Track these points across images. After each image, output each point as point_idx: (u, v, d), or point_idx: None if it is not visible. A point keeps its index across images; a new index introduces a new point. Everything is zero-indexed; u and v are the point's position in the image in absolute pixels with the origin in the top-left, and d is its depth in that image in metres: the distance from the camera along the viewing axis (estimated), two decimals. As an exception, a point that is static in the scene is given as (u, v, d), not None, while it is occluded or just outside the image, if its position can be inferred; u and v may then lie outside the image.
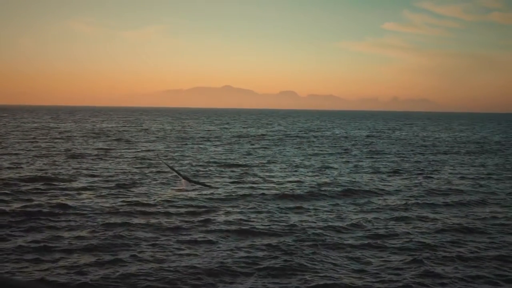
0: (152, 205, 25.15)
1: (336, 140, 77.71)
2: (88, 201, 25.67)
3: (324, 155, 52.70)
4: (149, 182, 32.02)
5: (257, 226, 21.54)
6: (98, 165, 39.83)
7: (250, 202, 26.44)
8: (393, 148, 63.83)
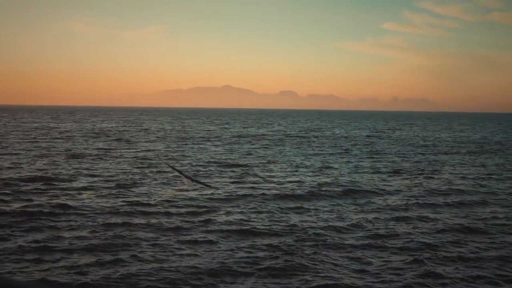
0: (153, 205, 25.14)
1: (336, 140, 77.70)
2: (89, 201, 25.67)
3: (325, 155, 52.69)
4: (150, 182, 32.01)
5: (258, 226, 21.53)
6: (98, 165, 39.82)
7: (251, 202, 26.43)
8: (393, 148, 63.81)
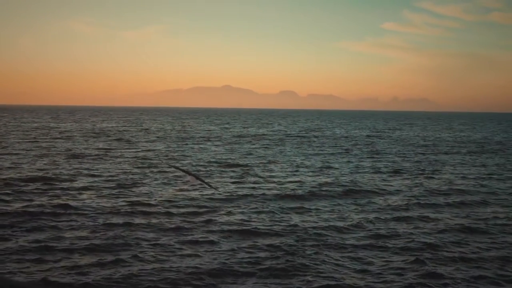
0: (153, 205, 25.13)
1: (337, 140, 77.67)
2: (89, 201, 25.65)
3: (325, 155, 52.66)
4: (150, 182, 32.00)
5: (259, 226, 21.51)
6: (99, 165, 39.80)
7: (251, 202, 26.42)
8: (394, 148, 63.78)
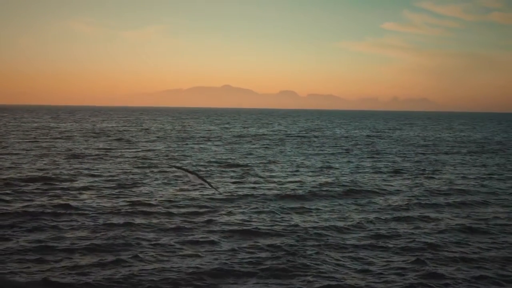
0: (154, 205, 25.12)
1: (337, 140, 77.66)
2: (90, 201, 25.65)
3: (325, 155, 52.66)
4: (150, 182, 31.99)
5: (259, 227, 21.50)
6: (99, 165, 39.79)
7: (252, 202, 26.41)
8: (394, 148, 63.78)
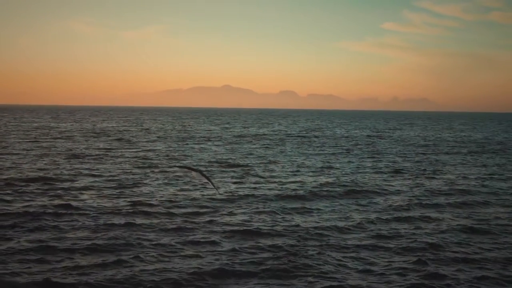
0: (155, 205, 25.10)
1: (337, 140, 77.64)
2: (91, 201, 25.63)
3: (326, 155, 52.64)
4: (151, 182, 31.98)
5: (261, 227, 21.49)
6: (99, 165, 39.78)
7: (253, 203, 26.39)
8: (395, 148, 63.77)
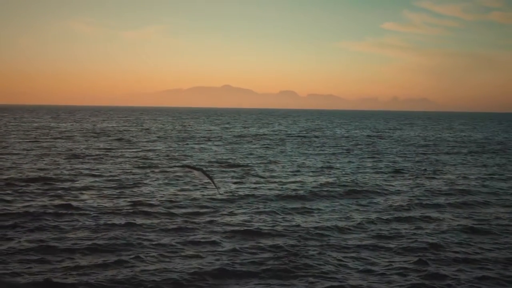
0: (155, 206, 25.10)
1: (337, 140, 77.64)
2: (91, 201, 25.63)
3: (326, 155, 52.64)
4: (151, 182, 31.97)
5: (261, 227, 21.49)
6: (100, 165, 39.77)
7: (253, 203, 26.38)
8: (395, 148, 63.77)
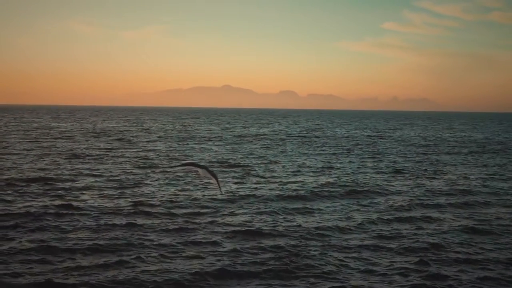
0: (156, 206, 25.09)
1: (338, 140, 77.63)
2: (92, 202, 25.62)
3: (326, 155, 52.63)
4: (152, 182, 31.96)
5: (262, 227, 21.48)
6: (100, 165, 39.76)
7: (254, 203, 26.37)
8: (395, 148, 63.75)
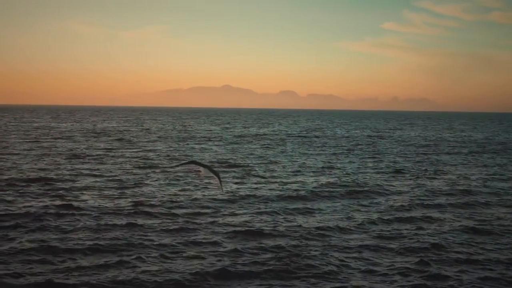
0: (156, 206, 25.08)
1: (338, 140, 77.62)
2: (92, 202, 25.61)
3: (327, 155, 52.63)
4: (152, 183, 31.95)
5: (263, 227, 21.48)
6: (101, 165, 39.76)
7: (254, 203, 26.37)
8: (395, 148, 63.75)
